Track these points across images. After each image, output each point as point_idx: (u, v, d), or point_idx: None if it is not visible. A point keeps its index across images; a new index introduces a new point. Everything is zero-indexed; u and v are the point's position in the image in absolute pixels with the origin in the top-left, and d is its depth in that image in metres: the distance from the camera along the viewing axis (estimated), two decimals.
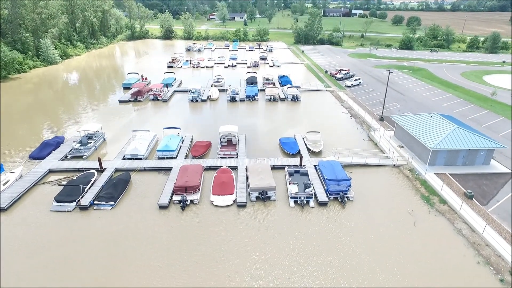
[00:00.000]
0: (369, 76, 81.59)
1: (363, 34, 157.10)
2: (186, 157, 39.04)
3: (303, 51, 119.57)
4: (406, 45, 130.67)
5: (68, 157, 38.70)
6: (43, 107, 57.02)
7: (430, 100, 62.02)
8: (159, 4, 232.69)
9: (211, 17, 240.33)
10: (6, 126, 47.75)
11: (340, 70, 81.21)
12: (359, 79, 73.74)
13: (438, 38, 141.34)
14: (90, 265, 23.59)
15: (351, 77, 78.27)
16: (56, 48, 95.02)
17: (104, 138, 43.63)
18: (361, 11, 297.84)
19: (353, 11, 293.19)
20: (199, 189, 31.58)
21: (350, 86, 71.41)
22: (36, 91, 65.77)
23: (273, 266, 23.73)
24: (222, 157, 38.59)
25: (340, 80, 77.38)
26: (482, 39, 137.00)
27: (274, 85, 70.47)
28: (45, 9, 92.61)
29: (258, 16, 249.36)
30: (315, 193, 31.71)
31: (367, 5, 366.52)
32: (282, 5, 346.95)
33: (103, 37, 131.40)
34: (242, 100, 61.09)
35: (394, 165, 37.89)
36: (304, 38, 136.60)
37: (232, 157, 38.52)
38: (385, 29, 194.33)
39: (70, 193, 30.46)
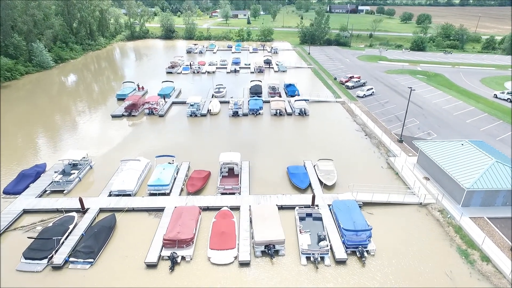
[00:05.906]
0: (381, 83, 76.00)
1: (372, 33, 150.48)
2: (181, 192, 34.22)
3: (309, 53, 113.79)
4: (418, 46, 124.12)
5: (47, 191, 34.00)
6: (27, 122, 52.14)
7: (452, 114, 56.50)
8: (159, 2, 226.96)
9: (213, 14, 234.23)
10: None
11: (351, 78, 75.55)
12: (372, 88, 68.07)
13: (451, 38, 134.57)
14: None
15: (362, 86, 72.70)
16: (50, 51, 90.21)
17: (90, 166, 38.88)
18: (368, 7, 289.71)
19: (359, 7, 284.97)
20: (193, 241, 26.76)
21: (362, 97, 65.90)
22: (24, 102, 60.86)
23: None
24: (222, 193, 33.72)
25: (351, 88, 71.83)
26: (498, 38, 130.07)
27: (280, 95, 65.30)
28: (37, 10, 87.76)
29: (261, 13, 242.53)
30: (331, 246, 26.84)
31: (373, 0, 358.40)
32: (287, 1, 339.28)
33: (101, 37, 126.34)
34: (245, 115, 55.97)
35: (420, 204, 32.85)
36: (310, 38, 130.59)
37: (233, 193, 33.65)
38: (394, 27, 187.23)
39: (42, 247, 25.78)
